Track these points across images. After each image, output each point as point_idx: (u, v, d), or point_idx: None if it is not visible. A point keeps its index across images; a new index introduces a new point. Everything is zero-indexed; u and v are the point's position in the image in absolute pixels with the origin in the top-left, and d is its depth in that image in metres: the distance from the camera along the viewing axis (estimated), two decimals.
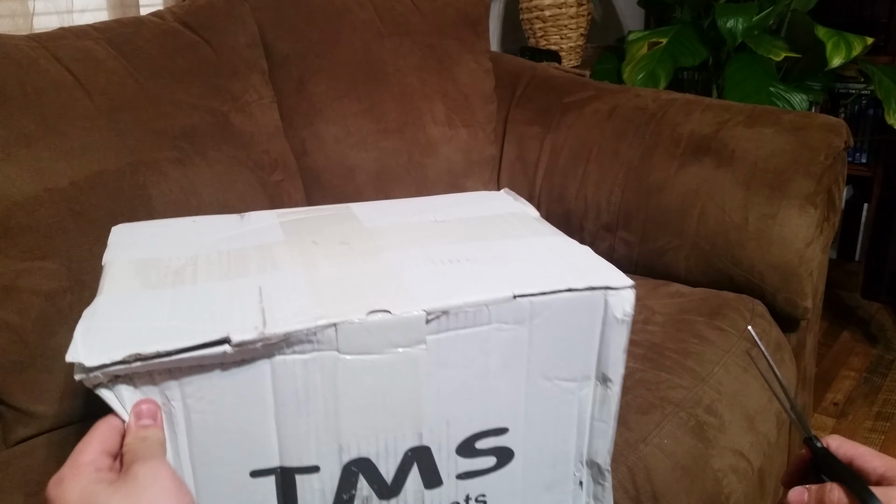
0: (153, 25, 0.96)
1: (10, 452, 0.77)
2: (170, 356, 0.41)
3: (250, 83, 1.02)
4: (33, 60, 0.83)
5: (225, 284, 0.49)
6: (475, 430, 0.51)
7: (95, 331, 0.43)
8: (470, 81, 1.23)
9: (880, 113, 1.55)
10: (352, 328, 0.44)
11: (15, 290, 0.77)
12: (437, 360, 0.48)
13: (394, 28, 1.17)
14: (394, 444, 0.48)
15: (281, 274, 0.51)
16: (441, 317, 0.46)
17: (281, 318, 0.44)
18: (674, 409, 0.80)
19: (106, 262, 0.54)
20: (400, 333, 0.46)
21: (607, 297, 0.51)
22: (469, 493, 0.52)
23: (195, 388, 0.43)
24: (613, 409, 0.55)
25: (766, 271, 1.01)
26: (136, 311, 0.46)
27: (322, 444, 0.47)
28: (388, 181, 1.14)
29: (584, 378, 0.54)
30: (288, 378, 0.44)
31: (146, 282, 0.50)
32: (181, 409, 0.43)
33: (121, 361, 0.41)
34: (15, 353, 0.77)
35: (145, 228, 0.62)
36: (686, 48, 1.54)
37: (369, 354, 0.45)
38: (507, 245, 0.58)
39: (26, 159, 0.79)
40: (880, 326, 1.93)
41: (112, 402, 0.43)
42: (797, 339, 1.08)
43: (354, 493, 0.48)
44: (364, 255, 0.54)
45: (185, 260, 0.54)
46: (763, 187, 1.02)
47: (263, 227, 0.62)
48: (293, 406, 0.45)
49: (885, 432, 1.52)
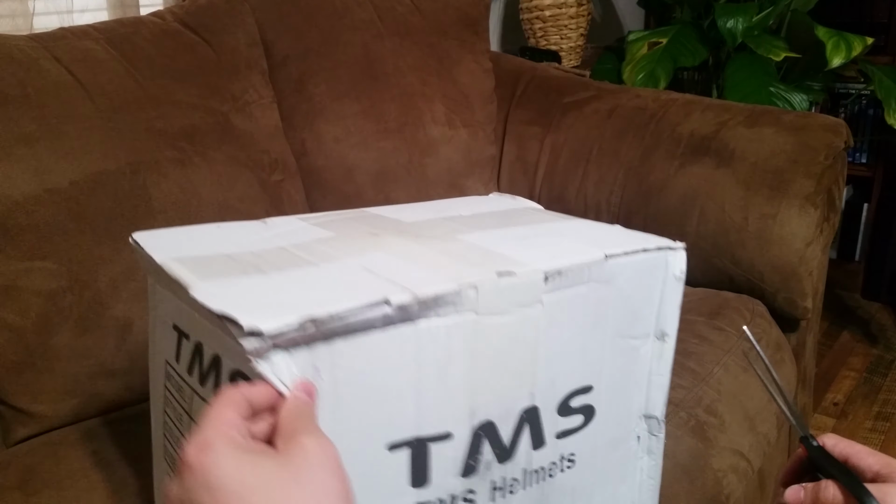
0: (153, 25, 0.96)
1: (10, 452, 0.77)
2: (341, 319, 0.40)
3: (250, 83, 1.02)
4: (33, 60, 0.83)
5: (321, 268, 0.47)
6: (572, 388, 0.52)
7: (244, 303, 0.40)
8: (470, 81, 1.23)
9: (880, 113, 1.55)
10: (489, 289, 0.45)
11: (15, 290, 0.77)
12: (551, 319, 0.49)
13: (394, 28, 1.17)
14: (513, 403, 0.49)
15: (372, 256, 0.50)
16: (556, 276, 0.48)
17: (422, 282, 0.44)
18: (674, 409, 0.80)
19: (162, 260, 0.49)
20: (523, 293, 0.47)
21: (667, 256, 0.55)
22: (563, 453, 0.53)
23: (347, 357, 0.41)
24: (669, 362, 0.58)
25: (766, 271, 1.01)
26: (262, 289, 0.43)
27: (457, 409, 0.47)
28: (387, 181, 1.14)
29: (646, 335, 0.57)
30: (430, 343, 0.44)
31: (235, 269, 0.47)
32: (330, 380, 0.41)
33: (297, 327, 0.39)
34: (15, 353, 0.77)
35: (172, 234, 0.57)
36: (686, 48, 1.54)
37: (500, 315, 0.46)
38: (550, 226, 0.60)
39: (26, 159, 0.79)
40: (880, 326, 1.93)
41: (267, 374, 0.39)
42: (797, 339, 1.08)
43: (480, 457, 0.48)
44: (434, 239, 0.54)
45: (249, 255, 0.50)
46: (763, 187, 1.02)
47: (298, 229, 0.58)
48: (433, 371, 0.45)
49: (884, 432, 1.52)
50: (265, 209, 0.98)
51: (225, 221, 0.92)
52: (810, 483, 0.46)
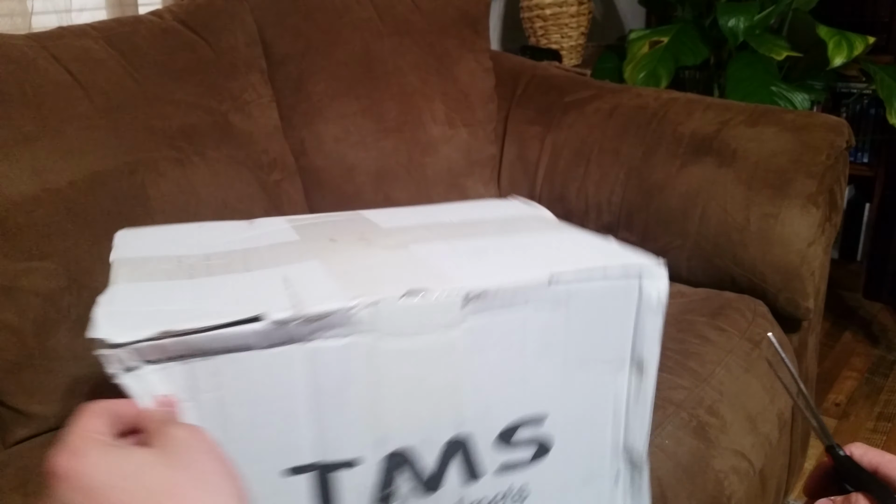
0: (152, 24, 0.95)
1: (9, 453, 0.77)
2: (202, 333, 0.39)
3: (249, 82, 1.01)
4: (32, 60, 0.83)
5: (246, 275, 0.47)
6: (515, 417, 0.50)
7: (117, 312, 0.41)
8: (470, 80, 1.23)
9: (882, 112, 1.54)
10: (390, 308, 0.43)
11: (14, 290, 0.77)
12: (475, 343, 0.46)
13: (393, 27, 1.16)
14: (435, 432, 0.47)
15: (304, 266, 0.49)
16: (479, 298, 0.45)
17: (316, 298, 0.42)
18: (675, 410, 0.80)
19: (114, 259, 0.52)
20: (438, 315, 0.45)
21: (642, 282, 0.51)
22: (511, 485, 0.51)
23: (228, 377, 0.40)
24: (649, 395, 0.54)
25: (768, 271, 1.01)
26: (157, 297, 0.43)
27: (361, 435, 0.45)
28: (387, 181, 1.13)
29: (620, 364, 0.53)
30: (324, 365, 0.42)
31: (161, 273, 0.48)
32: (213, 400, 0.41)
33: (151, 338, 0.38)
34: (13, 353, 0.76)
35: (150, 232, 0.60)
36: (687, 47, 1.54)
37: (408, 337, 0.44)
38: (532, 238, 0.57)
39: (25, 159, 0.79)
40: (882, 327, 1.93)
41: (129, 386, 0.39)
42: (799, 339, 1.07)
43: (395, 488, 0.46)
44: (388, 249, 0.53)
45: (198, 257, 0.52)
46: (765, 187, 1.01)
47: (275, 230, 0.60)
48: (330, 395, 0.43)
49: (886, 433, 1.52)
50: (264, 209, 0.98)
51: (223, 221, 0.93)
52: (839, 497, 0.43)
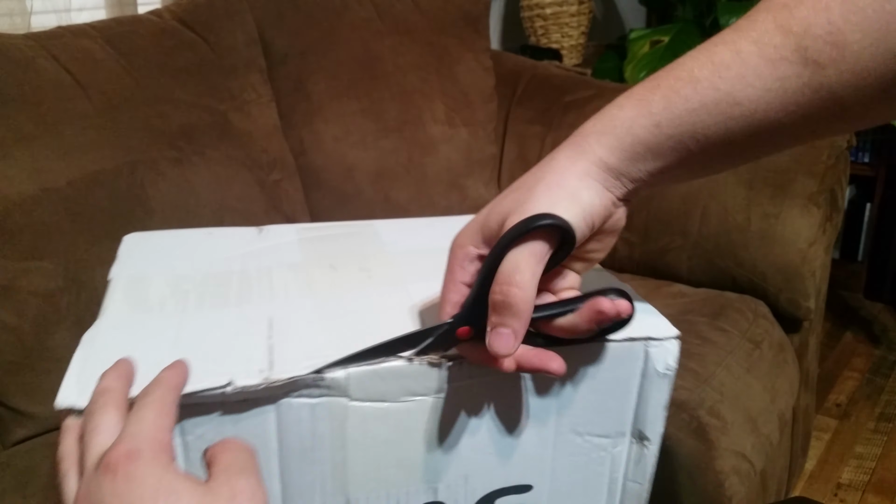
0: (151, 24, 0.95)
1: (8, 454, 0.77)
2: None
3: (248, 82, 1.01)
4: (31, 59, 0.83)
5: (234, 311, 0.47)
6: (496, 486, 0.47)
7: (92, 366, 0.41)
8: (470, 80, 1.23)
9: None
10: (364, 375, 0.41)
11: (12, 290, 0.76)
12: (456, 409, 0.44)
13: (393, 26, 1.16)
14: (406, 499, 0.45)
15: (294, 304, 0.48)
16: (462, 363, 0.42)
17: (290, 360, 0.41)
18: (675, 411, 0.79)
19: (112, 277, 0.52)
20: (417, 381, 0.42)
21: (648, 347, 0.46)
22: None
23: (196, 435, 0.40)
24: (650, 469, 0.49)
25: (769, 272, 1.01)
26: (136, 343, 0.43)
27: (328, 497, 0.43)
28: (387, 180, 1.13)
29: (619, 434, 0.49)
30: (293, 423, 0.41)
31: (152, 304, 0.48)
32: (182, 455, 0.40)
33: None
34: (12, 353, 0.76)
35: (156, 240, 0.59)
36: (688, 46, 1.51)
37: (382, 402, 0.42)
38: None
39: (24, 159, 0.78)
40: (883, 327, 1.92)
41: None
42: (800, 339, 1.07)
43: None
44: (385, 286, 0.52)
45: (196, 280, 0.51)
46: (765, 187, 1.01)
47: (281, 244, 0.58)
48: (298, 454, 0.42)
49: (887, 433, 1.51)
50: (263, 209, 0.98)
51: (223, 221, 0.93)
52: None
